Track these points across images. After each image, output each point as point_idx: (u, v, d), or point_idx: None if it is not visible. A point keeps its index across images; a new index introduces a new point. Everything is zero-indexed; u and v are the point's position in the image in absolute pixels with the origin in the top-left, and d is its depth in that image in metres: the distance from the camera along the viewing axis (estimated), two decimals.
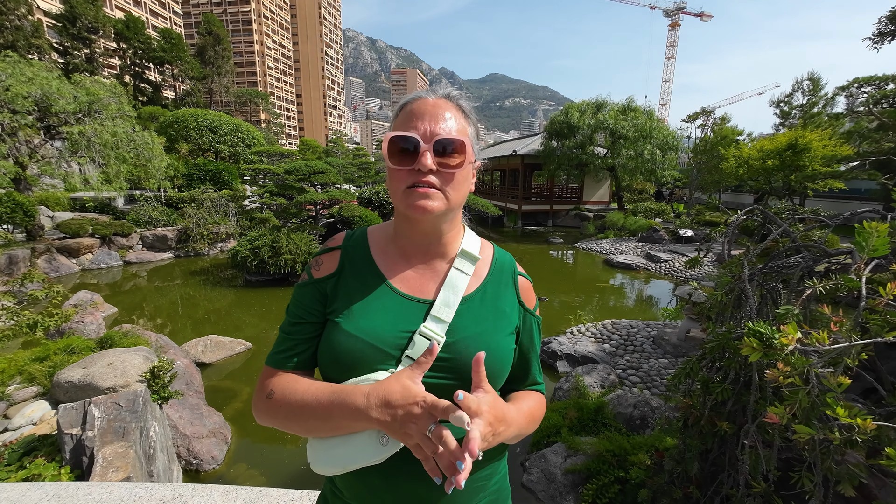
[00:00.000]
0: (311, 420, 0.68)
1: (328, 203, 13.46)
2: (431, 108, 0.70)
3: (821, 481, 1.31)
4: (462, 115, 0.74)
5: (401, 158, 0.69)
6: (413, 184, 0.68)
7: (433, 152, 0.67)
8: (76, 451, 2.85)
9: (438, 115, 0.70)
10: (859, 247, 1.34)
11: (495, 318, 0.77)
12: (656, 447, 2.85)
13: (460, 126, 0.72)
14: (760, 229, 2.83)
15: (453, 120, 0.71)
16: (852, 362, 1.19)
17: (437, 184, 0.68)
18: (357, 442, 0.67)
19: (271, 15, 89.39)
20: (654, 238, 14.76)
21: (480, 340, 0.73)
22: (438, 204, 0.69)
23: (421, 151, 0.67)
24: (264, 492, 1.97)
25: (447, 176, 0.69)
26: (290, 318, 0.78)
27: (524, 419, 0.75)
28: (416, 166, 0.67)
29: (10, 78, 9.21)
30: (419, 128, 0.68)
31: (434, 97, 0.73)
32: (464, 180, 0.72)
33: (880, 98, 13.94)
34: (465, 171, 0.72)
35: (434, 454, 0.57)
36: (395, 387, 0.61)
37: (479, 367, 0.63)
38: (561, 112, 18.79)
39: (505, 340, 0.77)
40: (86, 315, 6.17)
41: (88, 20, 30.91)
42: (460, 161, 0.69)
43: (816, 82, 21.37)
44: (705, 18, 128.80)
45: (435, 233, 0.77)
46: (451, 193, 0.70)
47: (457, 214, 0.78)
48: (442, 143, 0.68)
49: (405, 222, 0.76)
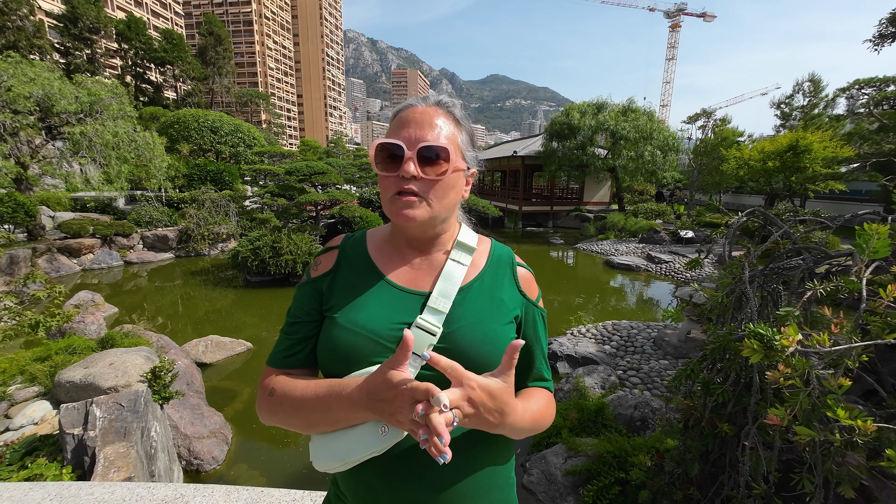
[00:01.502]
0: (311, 414, 0.69)
1: (329, 204, 13.47)
2: (420, 116, 0.71)
3: (821, 483, 1.32)
4: (453, 121, 0.74)
5: (387, 165, 0.70)
6: (398, 191, 0.69)
7: (418, 159, 0.68)
8: (78, 451, 2.86)
9: (426, 123, 0.70)
10: (860, 249, 1.35)
11: (493, 307, 0.77)
12: (657, 448, 2.85)
13: (449, 133, 0.72)
14: (761, 231, 2.83)
15: (442, 128, 0.71)
16: (853, 364, 1.19)
17: (421, 191, 0.69)
18: (356, 433, 0.68)
19: (272, 16, 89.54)
20: (654, 239, 14.75)
21: (478, 329, 0.73)
22: (421, 212, 0.70)
23: (405, 158, 0.68)
24: (266, 492, 1.97)
25: (430, 183, 0.69)
26: (288, 318, 0.80)
27: (528, 414, 0.72)
28: (399, 173, 0.68)
29: (11, 78, 9.24)
30: (404, 135, 0.69)
31: (424, 105, 0.73)
32: (450, 188, 0.72)
33: (881, 100, 13.93)
34: (451, 178, 0.72)
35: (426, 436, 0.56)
36: (380, 377, 0.61)
37: (514, 352, 0.62)
38: (561, 113, 18.80)
39: (503, 329, 0.76)
40: (87, 315, 6.18)
41: (90, 20, 30.96)
42: (445, 169, 0.70)
43: (817, 84, 21.38)
44: (708, 19, 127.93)
45: (426, 236, 0.78)
46: (434, 202, 0.71)
47: (447, 219, 0.78)
48: (426, 150, 0.68)
49: (398, 227, 0.78)
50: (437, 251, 0.80)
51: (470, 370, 0.68)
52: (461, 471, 0.72)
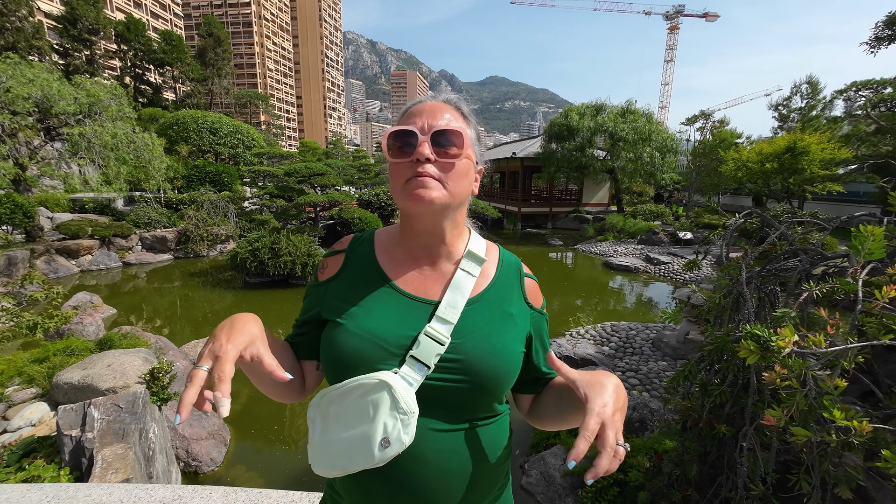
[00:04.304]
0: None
1: (328, 205, 13.48)
2: (430, 108, 0.72)
3: (818, 484, 1.32)
4: (461, 116, 0.76)
5: (399, 153, 0.70)
6: (412, 176, 0.69)
7: (432, 143, 0.68)
8: (75, 452, 2.85)
9: (437, 113, 0.71)
10: (856, 250, 1.35)
11: (502, 319, 0.77)
12: (655, 450, 2.85)
13: (459, 125, 0.73)
14: (759, 232, 2.85)
15: (452, 119, 0.72)
16: (849, 365, 1.20)
17: (436, 174, 0.69)
18: (358, 445, 0.66)
19: (272, 17, 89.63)
20: (653, 240, 14.78)
21: (488, 342, 0.73)
22: (438, 194, 0.69)
23: (419, 142, 0.68)
24: (264, 493, 1.97)
25: (446, 166, 0.69)
26: (298, 317, 0.83)
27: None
28: (414, 156, 0.68)
29: (10, 79, 9.23)
30: (417, 123, 0.70)
31: (433, 101, 0.75)
32: (465, 173, 0.73)
33: (878, 102, 14.00)
34: (464, 165, 0.72)
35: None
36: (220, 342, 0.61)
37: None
38: (560, 115, 18.85)
39: (513, 343, 0.76)
40: (85, 316, 6.17)
41: (89, 22, 30.96)
42: (459, 152, 0.70)
43: (815, 86, 21.45)
44: (710, 18, 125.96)
45: (438, 232, 0.76)
46: (450, 184, 0.70)
47: (459, 213, 0.77)
48: (439, 134, 0.69)
49: (408, 222, 0.77)
50: (446, 257, 0.79)
51: (477, 381, 0.69)
52: (464, 469, 0.72)
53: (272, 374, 0.59)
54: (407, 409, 0.65)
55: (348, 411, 0.68)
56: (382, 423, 0.64)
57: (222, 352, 0.58)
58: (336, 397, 0.69)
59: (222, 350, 0.58)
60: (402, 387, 0.66)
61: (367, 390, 0.67)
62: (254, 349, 0.61)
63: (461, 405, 0.72)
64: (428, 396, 0.69)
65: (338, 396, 0.69)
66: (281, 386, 0.76)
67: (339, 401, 0.69)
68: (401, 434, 0.64)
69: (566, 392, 0.76)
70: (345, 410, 0.68)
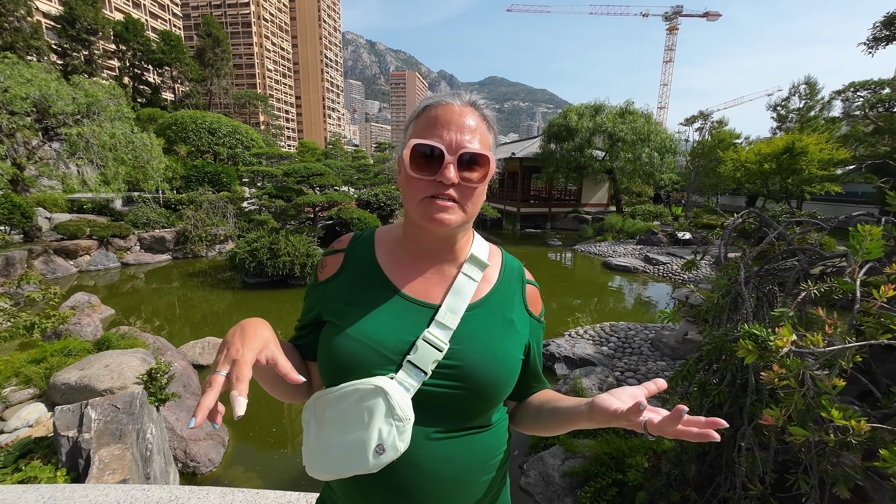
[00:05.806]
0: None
1: (327, 205, 13.47)
2: (457, 118, 0.68)
3: (817, 483, 1.32)
4: (485, 124, 0.72)
5: (421, 166, 0.66)
6: (432, 195, 0.66)
7: (458, 164, 0.66)
8: (72, 453, 2.84)
9: (464, 126, 0.67)
10: (854, 250, 1.35)
11: (503, 326, 0.76)
12: (654, 450, 2.85)
13: (484, 137, 0.70)
14: (757, 232, 2.85)
15: (478, 131, 0.69)
16: (847, 364, 1.20)
17: (457, 197, 0.67)
18: (352, 451, 0.65)
19: (271, 17, 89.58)
20: (652, 241, 14.79)
21: (488, 349, 0.72)
22: (456, 218, 0.67)
23: (445, 163, 0.65)
24: (261, 494, 1.96)
25: (468, 190, 0.67)
26: (300, 319, 0.83)
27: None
28: (438, 178, 0.65)
29: (8, 79, 9.20)
30: (444, 137, 0.66)
31: (460, 103, 0.70)
32: (483, 193, 0.71)
33: (876, 102, 14.03)
34: (485, 185, 0.70)
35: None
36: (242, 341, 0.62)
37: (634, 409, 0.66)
38: (559, 115, 18.85)
39: (513, 350, 0.76)
40: (83, 317, 6.15)
41: (88, 22, 30.91)
42: (482, 175, 0.68)
43: (813, 86, 21.49)
44: (711, 18, 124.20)
45: (447, 241, 0.76)
46: (468, 207, 0.69)
47: (470, 223, 0.77)
48: (467, 157, 0.66)
49: (416, 229, 0.75)
50: (449, 260, 0.78)
51: (475, 388, 0.69)
52: (459, 477, 0.72)
53: (286, 376, 0.59)
54: (402, 415, 0.64)
55: (343, 416, 0.67)
56: (377, 430, 0.64)
57: (239, 355, 0.58)
58: (331, 401, 0.69)
59: (239, 354, 0.58)
60: (399, 393, 0.65)
61: (363, 395, 0.66)
62: (269, 352, 0.61)
63: (458, 412, 0.71)
64: (424, 402, 0.68)
65: (333, 400, 0.68)
66: (290, 387, 0.75)
67: (334, 405, 0.68)
68: (396, 441, 0.64)
69: (551, 402, 0.79)
70: (340, 415, 0.67)
